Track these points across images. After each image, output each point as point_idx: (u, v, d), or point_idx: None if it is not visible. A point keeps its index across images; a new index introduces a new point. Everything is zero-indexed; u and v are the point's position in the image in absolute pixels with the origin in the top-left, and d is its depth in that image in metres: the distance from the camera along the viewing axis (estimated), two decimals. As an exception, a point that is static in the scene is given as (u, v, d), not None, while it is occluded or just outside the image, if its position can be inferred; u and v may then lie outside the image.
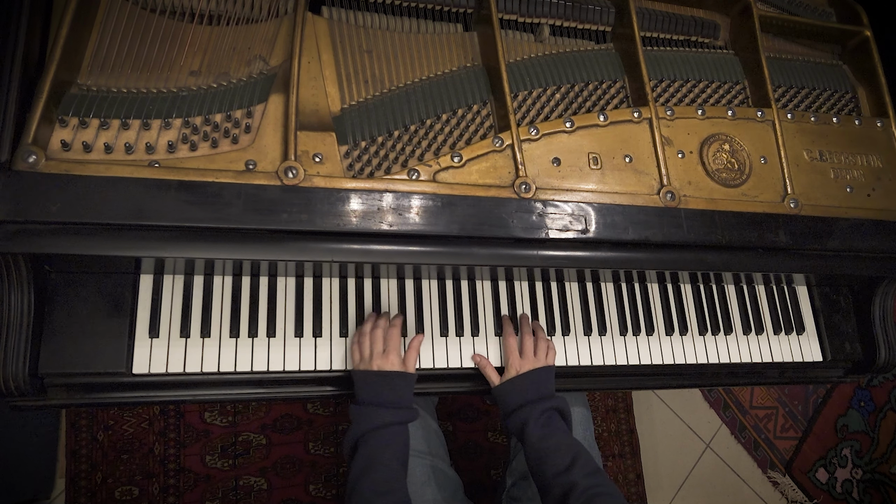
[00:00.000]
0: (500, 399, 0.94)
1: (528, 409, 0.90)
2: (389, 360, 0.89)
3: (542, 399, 0.91)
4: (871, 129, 1.17)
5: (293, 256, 0.83)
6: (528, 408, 0.90)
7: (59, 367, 0.82)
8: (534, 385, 0.93)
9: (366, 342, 0.90)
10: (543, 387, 0.93)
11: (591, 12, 1.07)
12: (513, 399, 0.92)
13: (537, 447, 0.87)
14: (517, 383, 0.93)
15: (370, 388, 0.87)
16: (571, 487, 0.81)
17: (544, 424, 0.89)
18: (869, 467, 2.07)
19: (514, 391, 0.93)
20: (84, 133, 0.79)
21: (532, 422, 0.88)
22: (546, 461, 0.85)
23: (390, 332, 0.91)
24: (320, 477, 1.61)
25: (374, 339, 0.90)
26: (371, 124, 0.90)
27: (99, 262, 0.83)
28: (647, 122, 1.01)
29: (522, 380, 0.93)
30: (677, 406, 1.99)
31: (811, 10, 1.23)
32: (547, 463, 0.85)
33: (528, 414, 0.89)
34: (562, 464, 0.84)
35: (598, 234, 0.92)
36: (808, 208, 1.05)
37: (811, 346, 1.19)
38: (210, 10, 0.90)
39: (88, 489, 1.46)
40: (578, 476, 0.83)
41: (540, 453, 0.86)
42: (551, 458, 0.85)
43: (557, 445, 0.87)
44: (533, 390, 0.92)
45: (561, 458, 0.85)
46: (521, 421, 0.90)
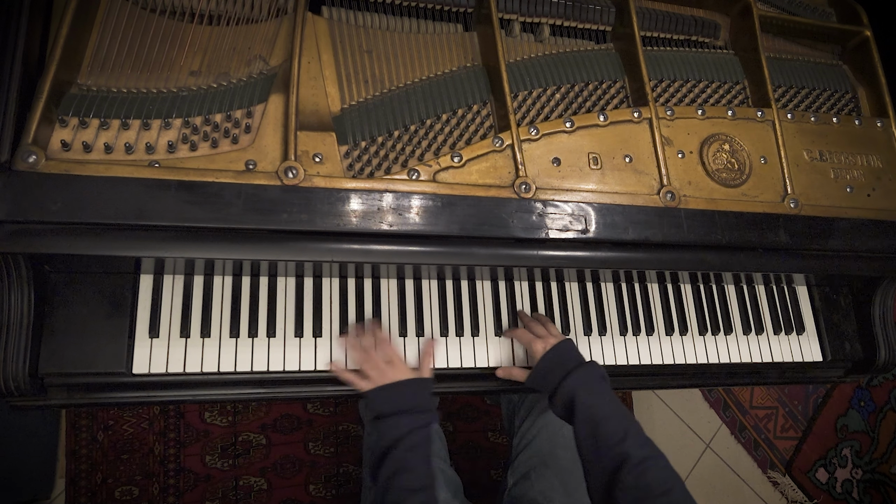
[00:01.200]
0: (539, 381, 0.92)
1: (573, 378, 0.87)
2: (399, 371, 0.90)
3: (582, 366, 0.89)
4: (871, 129, 1.17)
5: (293, 256, 0.83)
6: (572, 377, 0.87)
7: (59, 367, 0.82)
8: (568, 355, 0.91)
9: (368, 367, 0.90)
10: (576, 355, 0.92)
11: (591, 12, 1.07)
12: (553, 376, 0.89)
13: (588, 416, 0.84)
14: (550, 360, 0.91)
15: (387, 400, 0.88)
16: (625, 459, 0.78)
17: (593, 392, 0.86)
18: (869, 467, 2.07)
19: (552, 369, 0.90)
20: (84, 133, 0.79)
21: (581, 391, 0.86)
22: (599, 432, 0.82)
23: (381, 346, 0.92)
24: (320, 477, 1.61)
25: (375, 359, 0.90)
26: (371, 124, 0.91)
27: (99, 262, 0.83)
28: (647, 122, 1.01)
29: (555, 355, 0.91)
30: (677, 406, 1.99)
31: (811, 10, 1.23)
32: (600, 434, 0.82)
33: (575, 384, 0.87)
34: (615, 434, 0.81)
35: (598, 234, 0.92)
36: (808, 208, 1.05)
37: (811, 346, 1.19)
38: (210, 10, 0.90)
39: (88, 489, 1.46)
40: (632, 447, 0.79)
41: (591, 423, 0.83)
42: (603, 426, 0.82)
43: (609, 414, 0.84)
44: (570, 359, 0.91)
45: (614, 428, 0.82)
46: (569, 393, 0.86)
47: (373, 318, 0.97)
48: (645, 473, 0.77)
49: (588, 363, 0.91)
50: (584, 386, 0.87)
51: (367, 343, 0.92)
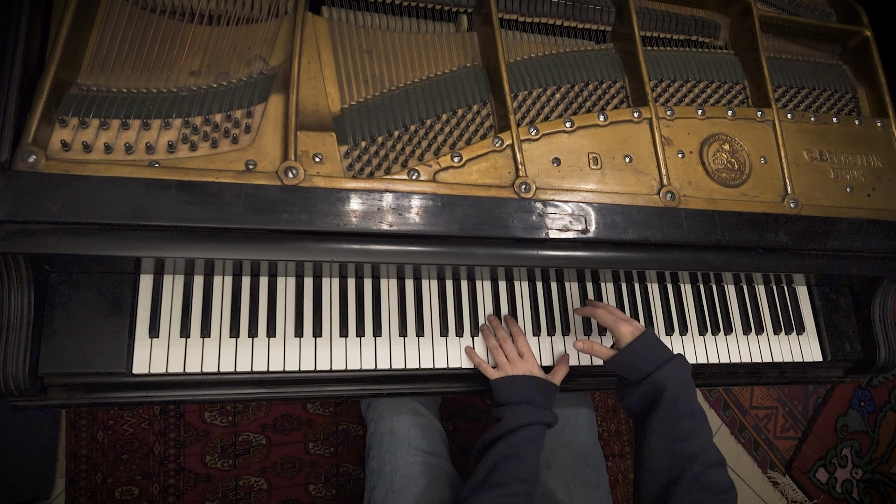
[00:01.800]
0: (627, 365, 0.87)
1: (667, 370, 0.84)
2: (529, 365, 0.94)
3: (675, 358, 0.86)
4: (871, 129, 1.17)
5: (293, 256, 0.83)
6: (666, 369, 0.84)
7: (59, 367, 0.82)
8: (659, 345, 0.88)
9: (499, 354, 0.95)
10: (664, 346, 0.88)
11: (591, 12, 1.07)
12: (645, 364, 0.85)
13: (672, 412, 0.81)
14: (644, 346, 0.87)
15: (514, 389, 0.91)
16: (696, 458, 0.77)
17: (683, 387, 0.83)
18: (869, 467, 2.07)
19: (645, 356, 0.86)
20: (84, 133, 0.79)
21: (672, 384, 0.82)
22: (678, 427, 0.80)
23: (518, 339, 0.97)
24: (320, 477, 1.61)
25: (508, 349, 0.95)
26: (371, 124, 0.91)
27: (99, 262, 0.83)
28: (647, 122, 1.01)
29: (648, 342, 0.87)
30: (677, 406, 1.98)
31: (811, 10, 1.23)
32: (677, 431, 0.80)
33: (667, 376, 0.83)
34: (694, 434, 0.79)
35: (598, 234, 0.92)
36: (808, 208, 1.05)
37: (811, 346, 1.19)
38: (210, 10, 0.90)
39: (88, 489, 1.46)
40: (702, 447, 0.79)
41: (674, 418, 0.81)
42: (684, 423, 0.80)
43: (692, 412, 0.82)
44: (663, 349, 0.87)
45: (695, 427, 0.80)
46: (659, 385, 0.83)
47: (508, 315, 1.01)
48: (710, 475, 0.77)
49: (679, 356, 0.87)
50: (675, 379, 0.83)
51: (501, 334, 0.97)
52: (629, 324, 0.90)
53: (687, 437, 0.79)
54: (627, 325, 0.90)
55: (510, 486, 0.82)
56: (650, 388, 0.84)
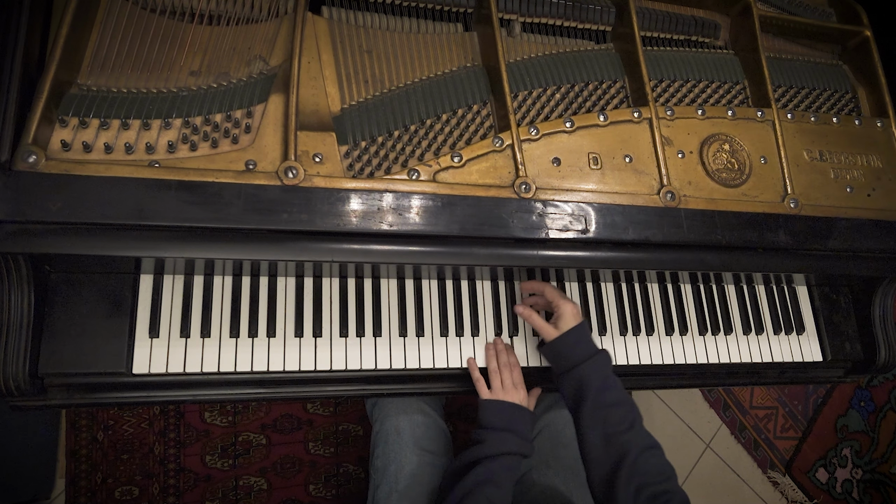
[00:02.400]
0: (558, 354, 0.93)
1: (592, 363, 0.90)
2: (520, 396, 0.95)
3: (600, 353, 0.92)
4: (871, 129, 1.17)
5: (293, 256, 0.83)
6: (591, 361, 0.90)
7: (59, 368, 0.82)
8: (588, 337, 0.94)
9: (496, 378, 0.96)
10: (593, 342, 0.94)
11: (591, 12, 1.07)
12: (574, 355, 0.91)
13: (599, 402, 0.86)
14: (577, 336, 0.93)
15: (503, 415, 0.92)
16: (630, 448, 0.82)
17: (608, 379, 0.89)
18: (869, 467, 2.07)
19: (575, 346, 0.92)
20: (84, 133, 0.79)
21: (596, 376, 0.88)
22: (609, 419, 0.85)
23: (514, 370, 0.97)
24: (320, 477, 1.61)
25: (505, 376, 0.96)
26: (371, 124, 0.90)
27: (99, 262, 0.83)
28: (647, 122, 1.01)
29: (580, 334, 0.93)
30: (677, 406, 1.99)
31: (811, 10, 1.23)
32: (609, 420, 0.85)
33: (592, 369, 0.89)
34: (623, 422, 0.85)
35: (598, 234, 0.92)
36: (808, 208, 1.05)
37: (811, 346, 1.19)
38: (210, 10, 0.90)
39: (88, 489, 1.46)
40: (638, 437, 0.83)
41: (602, 410, 0.86)
42: (613, 415, 0.85)
43: (620, 402, 0.87)
44: (591, 343, 0.93)
45: (623, 416, 0.85)
46: (584, 376, 0.89)
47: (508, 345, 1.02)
48: (648, 461, 0.81)
49: (604, 351, 0.93)
50: (599, 372, 0.89)
51: (503, 360, 0.97)
52: (573, 306, 0.95)
53: (617, 425, 0.84)
54: (572, 305, 0.95)
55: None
56: (577, 380, 0.90)
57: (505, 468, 0.87)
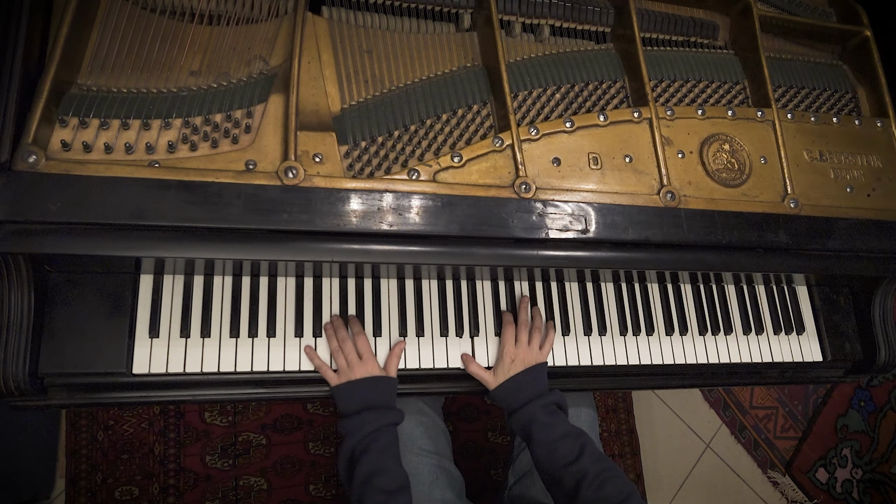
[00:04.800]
0: (500, 401, 0.96)
1: (532, 406, 0.92)
2: (368, 367, 0.90)
3: (541, 396, 0.94)
4: (871, 129, 1.17)
5: (293, 256, 0.83)
6: (531, 406, 0.92)
7: (59, 368, 0.82)
8: (531, 385, 0.95)
9: (339, 357, 0.90)
10: (539, 385, 0.96)
11: (591, 13, 1.07)
12: (514, 399, 0.94)
13: (545, 441, 0.89)
14: (515, 384, 0.95)
15: (355, 396, 0.88)
16: (583, 475, 0.84)
17: (548, 417, 0.91)
18: (869, 467, 2.07)
19: (514, 392, 0.94)
20: (84, 133, 0.79)
21: (537, 418, 0.91)
22: (556, 453, 0.88)
23: (358, 339, 0.91)
24: (320, 477, 1.61)
25: (347, 350, 0.90)
26: (371, 124, 0.90)
27: (99, 262, 0.83)
28: (647, 122, 1.01)
29: (520, 379, 0.95)
30: (677, 406, 1.99)
31: (811, 10, 1.23)
32: (556, 455, 0.87)
33: (533, 411, 0.91)
34: (571, 454, 0.87)
35: (598, 234, 0.92)
36: (808, 208, 1.05)
37: (811, 346, 1.19)
38: (210, 10, 0.90)
39: (88, 489, 1.46)
40: (588, 463, 0.85)
41: (548, 447, 0.88)
42: (560, 449, 0.88)
43: (564, 435, 0.89)
44: (530, 389, 0.94)
45: (569, 449, 0.88)
46: (526, 419, 0.91)
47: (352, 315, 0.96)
48: (603, 486, 0.83)
49: (549, 393, 0.95)
50: (538, 414, 0.91)
51: (342, 335, 0.91)
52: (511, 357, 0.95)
53: (567, 458, 0.87)
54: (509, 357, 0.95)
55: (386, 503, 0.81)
56: (520, 421, 0.92)
57: (378, 450, 0.84)
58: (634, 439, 1.86)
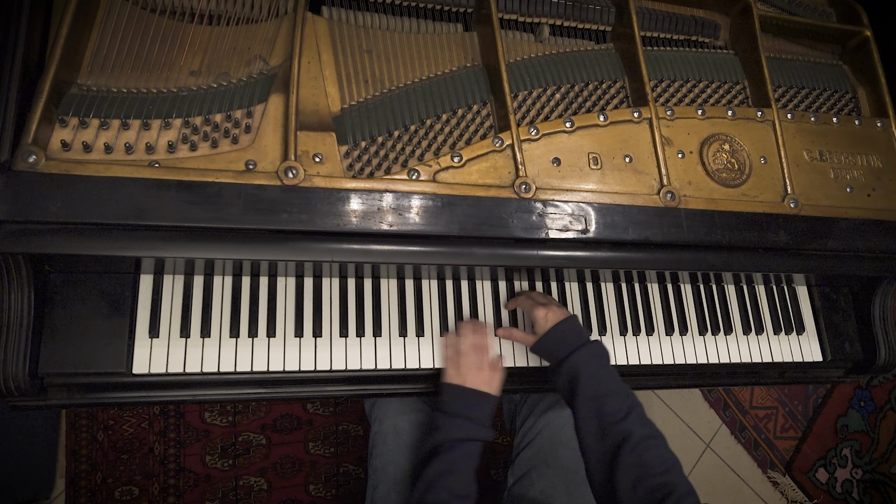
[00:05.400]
0: (546, 350, 0.93)
1: (581, 353, 0.89)
2: (482, 377, 0.92)
3: (587, 343, 0.91)
4: (871, 129, 1.17)
5: (293, 256, 0.83)
6: (580, 352, 0.89)
7: (59, 367, 0.82)
8: (574, 332, 0.92)
9: (463, 359, 0.93)
10: (582, 333, 0.93)
11: (591, 12, 1.07)
12: (561, 348, 0.90)
13: (592, 394, 0.85)
14: (561, 331, 0.92)
15: (464, 402, 0.90)
16: (627, 437, 0.79)
17: (598, 369, 0.88)
18: (869, 467, 2.07)
19: (560, 340, 0.91)
20: (84, 133, 0.79)
21: (587, 366, 0.87)
22: (603, 407, 0.83)
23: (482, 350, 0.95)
24: (320, 477, 1.61)
25: (466, 355, 0.93)
26: (371, 124, 0.90)
27: (99, 262, 0.83)
28: (647, 122, 1.01)
29: (565, 327, 0.92)
30: (677, 406, 1.99)
31: (811, 10, 1.23)
32: (604, 409, 0.83)
33: (582, 359, 0.88)
34: (619, 412, 0.82)
35: (598, 234, 0.92)
36: (808, 208, 1.05)
37: (811, 346, 1.19)
38: (210, 10, 0.90)
39: (88, 489, 1.46)
40: (634, 425, 0.81)
41: (596, 400, 0.84)
42: (608, 405, 0.83)
43: (615, 392, 0.85)
44: (576, 335, 0.92)
45: (618, 406, 0.83)
46: (575, 367, 0.88)
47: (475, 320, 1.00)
48: (647, 452, 0.78)
49: (595, 341, 0.92)
50: (590, 362, 0.88)
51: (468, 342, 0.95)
52: (545, 308, 0.94)
53: (612, 415, 0.82)
54: (542, 310, 0.94)
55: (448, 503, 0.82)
56: (569, 372, 0.88)
57: (462, 456, 0.86)
58: (634, 439, 1.86)
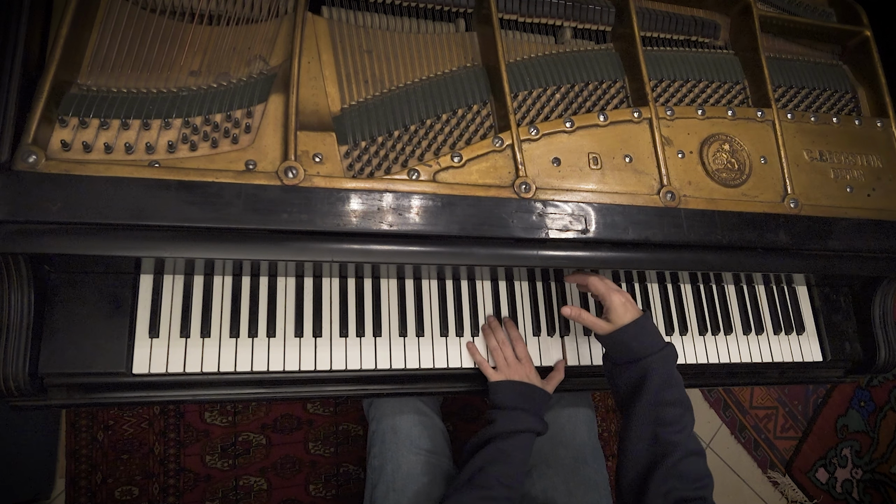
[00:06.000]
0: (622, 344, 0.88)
1: (659, 357, 0.85)
2: (524, 369, 0.95)
3: (669, 346, 0.88)
4: (871, 129, 1.17)
5: (293, 256, 0.83)
6: (659, 355, 0.85)
7: (59, 368, 0.82)
8: (655, 330, 0.89)
9: (499, 356, 0.97)
10: (658, 335, 0.89)
11: (591, 12, 1.07)
12: (640, 347, 0.87)
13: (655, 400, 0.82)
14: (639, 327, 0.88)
15: (517, 394, 0.92)
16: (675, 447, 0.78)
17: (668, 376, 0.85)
18: (869, 467, 2.07)
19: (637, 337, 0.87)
20: (84, 133, 0.79)
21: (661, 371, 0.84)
22: (662, 414, 0.81)
23: (517, 345, 0.98)
24: (320, 477, 1.61)
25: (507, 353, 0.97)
26: (371, 124, 0.91)
27: (99, 262, 0.83)
28: (647, 122, 1.01)
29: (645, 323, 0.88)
30: (677, 406, 1.98)
31: (811, 10, 1.23)
32: (662, 415, 0.81)
33: (658, 363, 0.85)
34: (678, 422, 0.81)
35: (598, 234, 0.92)
36: (808, 208, 1.05)
37: (811, 346, 1.19)
38: (210, 10, 0.90)
39: (88, 489, 1.46)
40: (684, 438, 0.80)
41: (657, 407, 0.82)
42: (667, 413, 0.81)
43: (678, 401, 0.83)
44: (657, 334, 0.89)
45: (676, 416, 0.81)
46: (647, 369, 0.85)
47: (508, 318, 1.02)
48: (689, 465, 0.78)
49: (671, 345, 0.88)
50: (664, 367, 0.85)
51: (501, 337, 0.98)
52: (621, 294, 0.91)
53: (670, 425, 0.80)
54: (619, 296, 0.90)
55: (493, 489, 0.83)
56: (638, 372, 0.85)
57: (516, 446, 0.87)
58: (634, 439, 1.86)
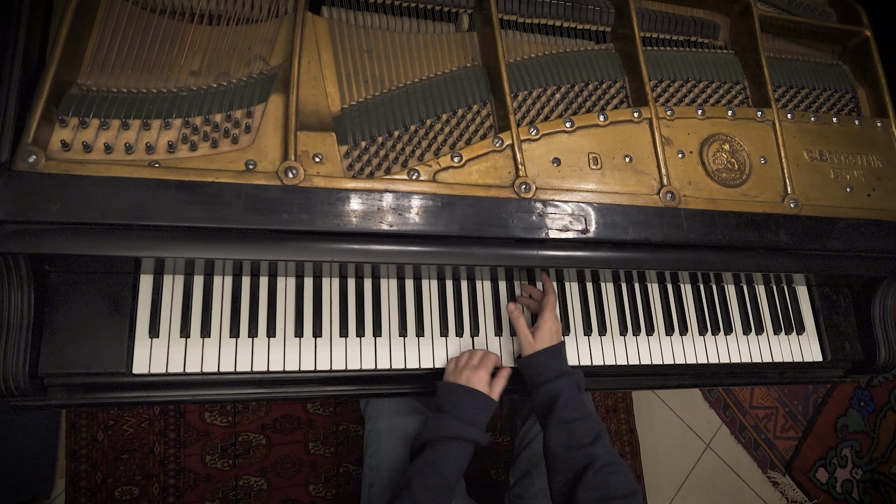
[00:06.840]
0: (535, 368, 0.94)
1: (563, 380, 0.91)
2: (478, 375, 0.92)
3: (572, 372, 0.94)
4: (871, 129, 1.17)
5: (293, 256, 0.83)
6: (563, 380, 0.91)
7: (59, 368, 0.82)
8: (563, 358, 0.95)
9: (463, 357, 0.95)
10: (565, 360, 0.96)
11: (591, 12, 1.07)
12: (547, 370, 0.93)
13: (566, 418, 0.88)
14: (552, 354, 0.94)
15: (453, 399, 0.90)
16: (593, 461, 0.83)
17: (574, 397, 0.91)
18: (869, 467, 2.07)
19: (549, 363, 0.94)
20: (84, 133, 0.79)
21: (565, 393, 0.90)
22: (574, 432, 0.87)
23: (488, 355, 0.96)
24: (320, 477, 1.61)
25: (472, 355, 0.95)
26: (371, 124, 0.90)
27: (99, 262, 0.83)
28: (647, 122, 1.01)
29: (557, 349, 0.95)
30: (677, 406, 1.99)
31: (811, 10, 1.23)
32: (574, 434, 0.86)
33: (563, 386, 0.91)
34: (587, 437, 0.86)
35: (598, 234, 0.92)
36: (808, 208, 1.05)
37: (811, 346, 1.19)
38: (210, 10, 0.90)
39: (88, 489, 1.46)
40: (601, 451, 0.84)
41: (568, 425, 0.87)
42: (578, 430, 0.87)
43: (586, 417, 0.89)
44: (562, 363, 0.95)
45: (587, 431, 0.87)
46: (554, 392, 0.91)
47: None
48: (610, 476, 0.82)
49: (576, 372, 0.95)
50: (568, 390, 0.91)
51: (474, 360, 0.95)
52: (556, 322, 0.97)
53: (583, 438, 0.86)
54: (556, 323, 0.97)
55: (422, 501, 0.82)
56: (548, 393, 0.91)
57: (448, 454, 0.85)
58: (634, 439, 1.86)
